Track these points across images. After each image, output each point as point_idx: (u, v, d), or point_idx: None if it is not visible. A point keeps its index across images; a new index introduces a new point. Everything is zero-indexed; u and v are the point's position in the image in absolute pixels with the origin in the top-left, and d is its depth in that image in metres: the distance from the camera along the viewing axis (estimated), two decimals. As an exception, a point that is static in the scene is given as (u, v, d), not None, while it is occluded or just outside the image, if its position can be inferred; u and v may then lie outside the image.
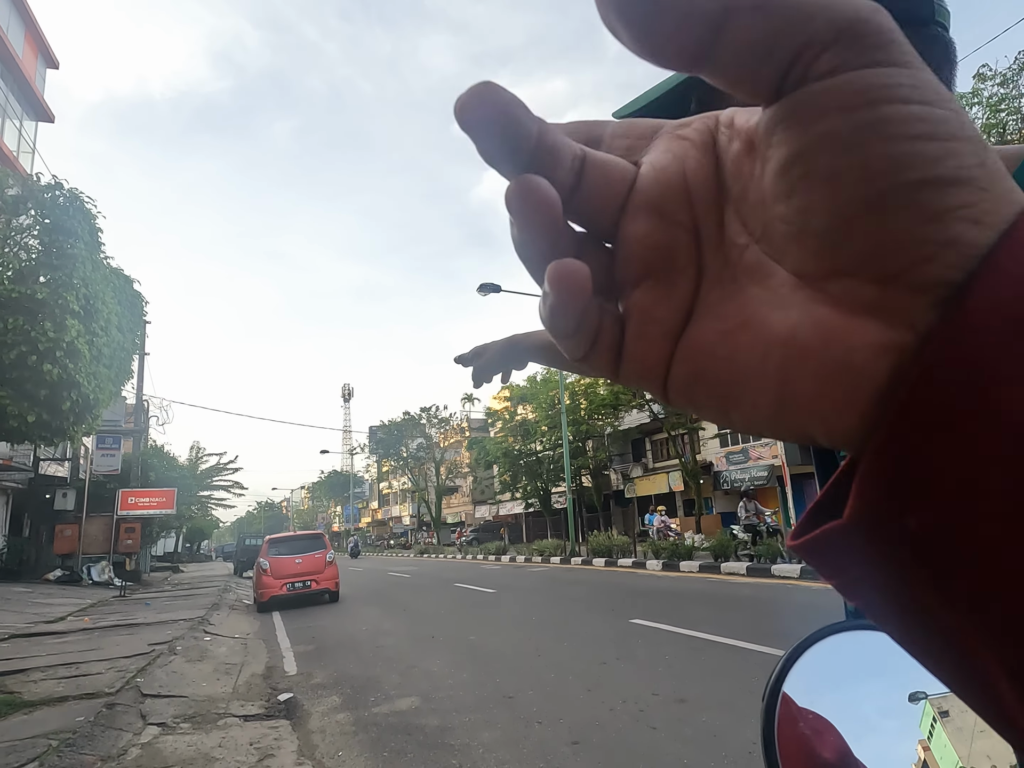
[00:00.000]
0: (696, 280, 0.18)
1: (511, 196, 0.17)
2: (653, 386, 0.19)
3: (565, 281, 0.17)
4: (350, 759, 3.82)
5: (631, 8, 0.15)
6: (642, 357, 0.19)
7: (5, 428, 8.46)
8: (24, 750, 3.86)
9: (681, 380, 0.18)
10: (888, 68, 0.15)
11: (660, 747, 3.64)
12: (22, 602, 12.72)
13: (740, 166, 0.18)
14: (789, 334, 0.16)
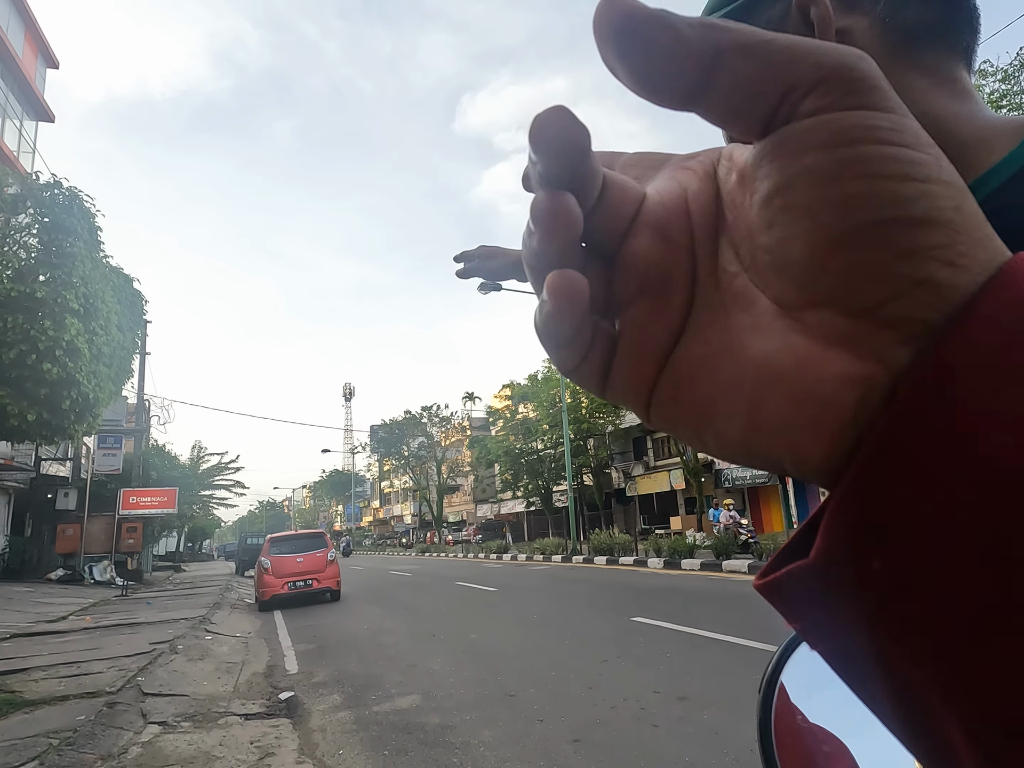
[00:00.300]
0: (688, 302, 0.19)
1: (541, 209, 0.17)
2: (637, 403, 0.20)
3: (564, 291, 0.17)
4: (351, 757, 3.81)
5: (630, 51, 0.16)
6: (630, 373, 0.19)
7: (5, 427, 8.46)
8: (25, 749, 3.86)
9: (664, 399, 0.19)
10: (870, 111, 0.15)
11: (661, 745, 3.63)
12: (24, 601, 12.73)
13: (734, 197, 0.18)
14: (764, 360, 0.16)
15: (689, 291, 0.19)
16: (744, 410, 0.17)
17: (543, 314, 0.18)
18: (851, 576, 0.14)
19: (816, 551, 0.14)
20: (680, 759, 3.41)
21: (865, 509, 0.14)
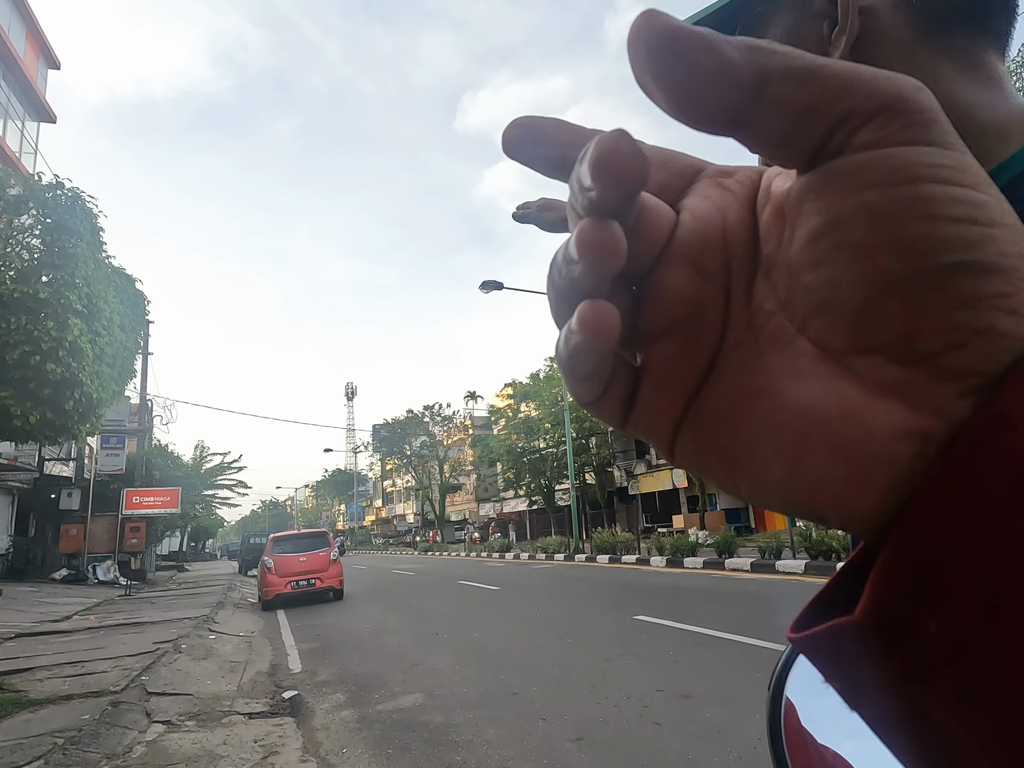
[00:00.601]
0: (719, 340, 0.18)
1: (590, 240, 0.16)
2: (660, 442, 0.19)
3: (596, 323, 0.16)
4: (354, 756, 3.82)
5: (668, 71, 0.15)
6: (654, 411, 0.18)
7: (9, 428, 8.47)
8: (30, 748, 3.87)
9: (690, 441, 0.18)
10: (930, 147, 0.14)
11: (664, 743, 3.63)
12: (28, 601, 12.77)
13: (771, 229, 0.17)
14: (807, 407, 0.15)
15: (721, 328, 0.18)
16: (784, 460, 0.15)
17: (570, 346, 0.17)
18: (903, 637, 0.13)
19: (864, 608, 0.13)
20: (683, 757, 3.41)
21: (920, 566, 0.13)
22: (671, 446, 0.18)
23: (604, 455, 31.09)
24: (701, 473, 0.18)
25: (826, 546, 11.36)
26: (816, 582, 9.65)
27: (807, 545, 11.82)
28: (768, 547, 12.88)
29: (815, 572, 10.64)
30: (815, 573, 10.59)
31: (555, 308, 0.18)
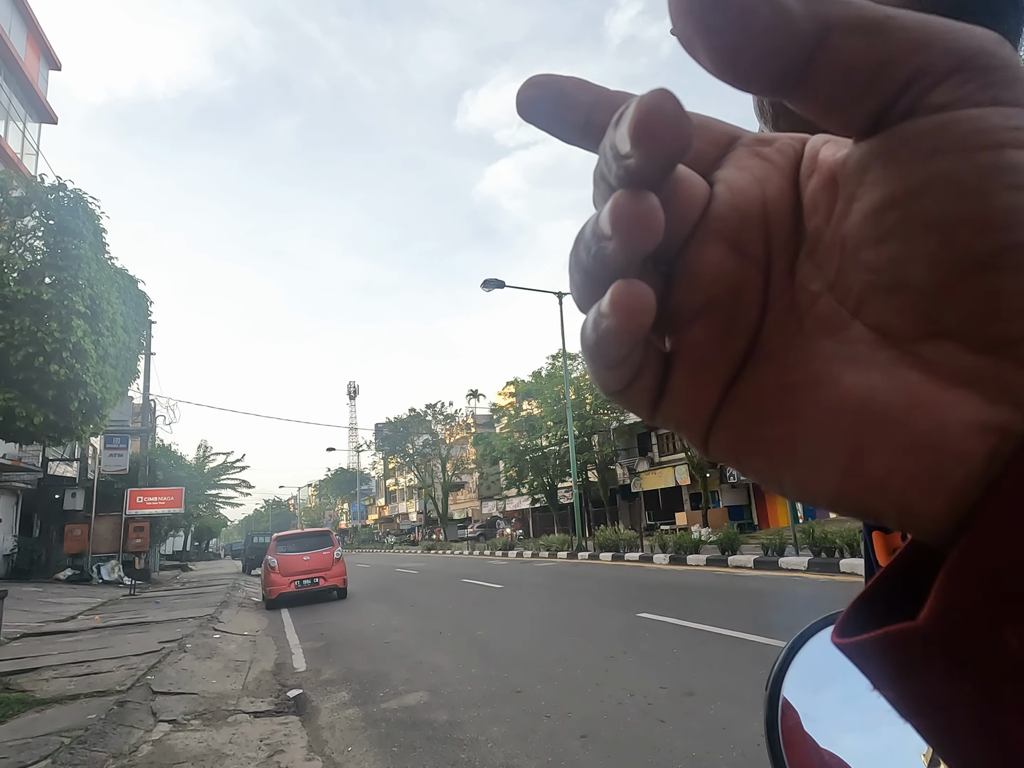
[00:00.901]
0: (758, 324, 0.16)
1: (627, 214, 0.14)
2: (693, 434, 0.18)
3: (629, 304, 0.14)
4: (359, 754, 3.84)
5: (718, 25, 0.13)
6: (686, 400, 0.17)
7: (13, 429, 8.51)
8: (37, 747, 3.89)
9: (728, 432, 0.17)
10: (1014, 108, 0.13)
11: (668, 740, 3.64)
12: (33, 601, 12.82)
13: (818, 202, 0.16)
14: (866, 398, 0.14)
15: (760, 311, 0.16)
16: (840, 455, 0.14)
17: (599, 330, 0.15)
18: (975, 647, 0.12)
19: (930, 614, 0.12)
20: (687, 754, 3.42)
21: (998, 571, 0.12)
22: (705, 438, 0.17)
23: (606, 452, 31.11)
24: (739, 467, 0.17)
25: (829, 543, 11.36)
26: (819, 579, 9.66)
27: (810, 542, 11.82)
28: (771, 544, 12.88)
29: (818, 569, 10.64)
30: (818, 570, 10.59)
31: (580, 289, 0.17)
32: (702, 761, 3.32)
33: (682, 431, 0.18)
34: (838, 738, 0.42)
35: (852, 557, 10.69)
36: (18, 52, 19.23)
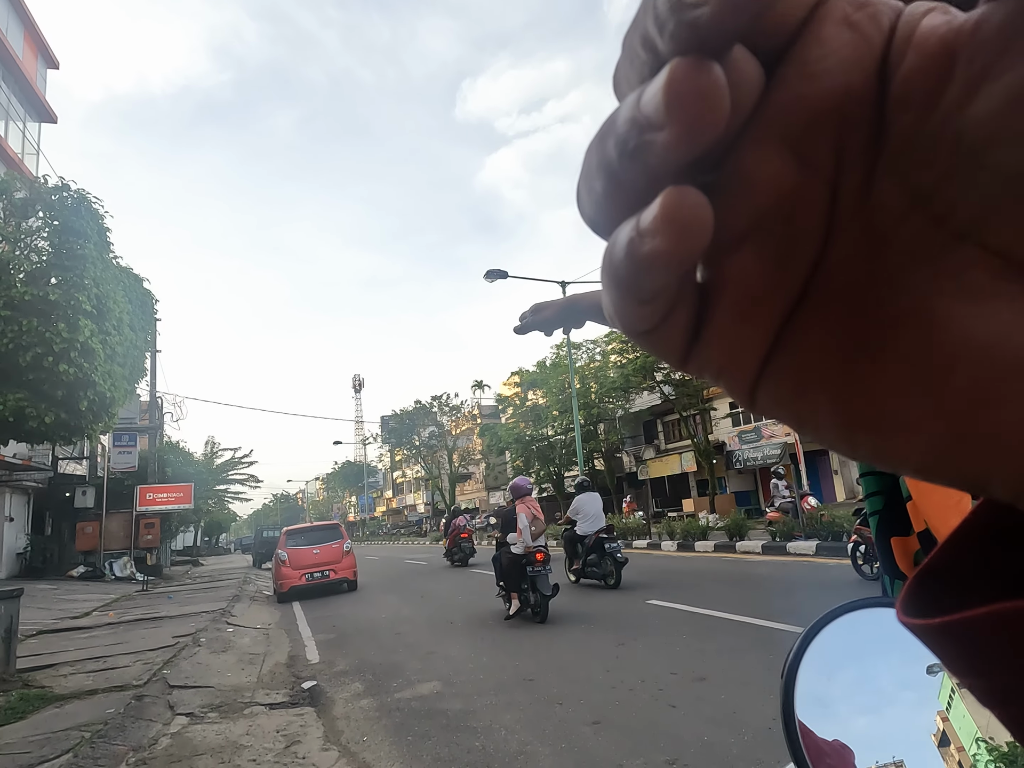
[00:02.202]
0: (820, 249, 0.13)
1: (691, 89, 0.11)
2: (736, 383, 0.15)
3: (686, 220, 0.12)
4: (375, 743, 3.89)
5: None
6: (730, 343, 0.14)
7: (25, 429, 8.58)
8: (58, 742, 3.96)
9: (783, 381, 0.14)
10: None
11: (680, 725, 3.68)
12: (48, 599, 12.96)
13: (914, 90, 0.12)
14: (994, 340, 0.11)
15: (823, 235, 0.13)
16: (950, 412, 0.12)
17: (639, 254, 0.12)
18: None
19: None
20: (699, 739, 3.46)
21: None
22: (751, 388, 0.14)
23: (613, 441, 31.13)
24: (795, 424, 0.14)
25: (837, 527, 11.37)
26: (828, 563, 9.68)
27: (818, 527, 11.83)
28: (779, 529, 12.90)
29: (826, 553, 10.65)
30: (826, 554, 10.60)
31: (603, 201, 0.13)
32: (714, 746, 3.36)
33: (721, 380, 0.15)
34: (852, 724, 0.44)
35: (860, 541, 10.70)
36: (16, 51, 19.19)
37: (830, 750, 0.42)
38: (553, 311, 0.94)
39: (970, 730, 0.41)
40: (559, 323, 0.94)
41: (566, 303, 0.93)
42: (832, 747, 0.42)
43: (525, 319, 0.97)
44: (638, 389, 27.14)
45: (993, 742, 0.40)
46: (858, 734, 0.43)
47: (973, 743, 0.41)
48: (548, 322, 0.94)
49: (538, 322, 0.95)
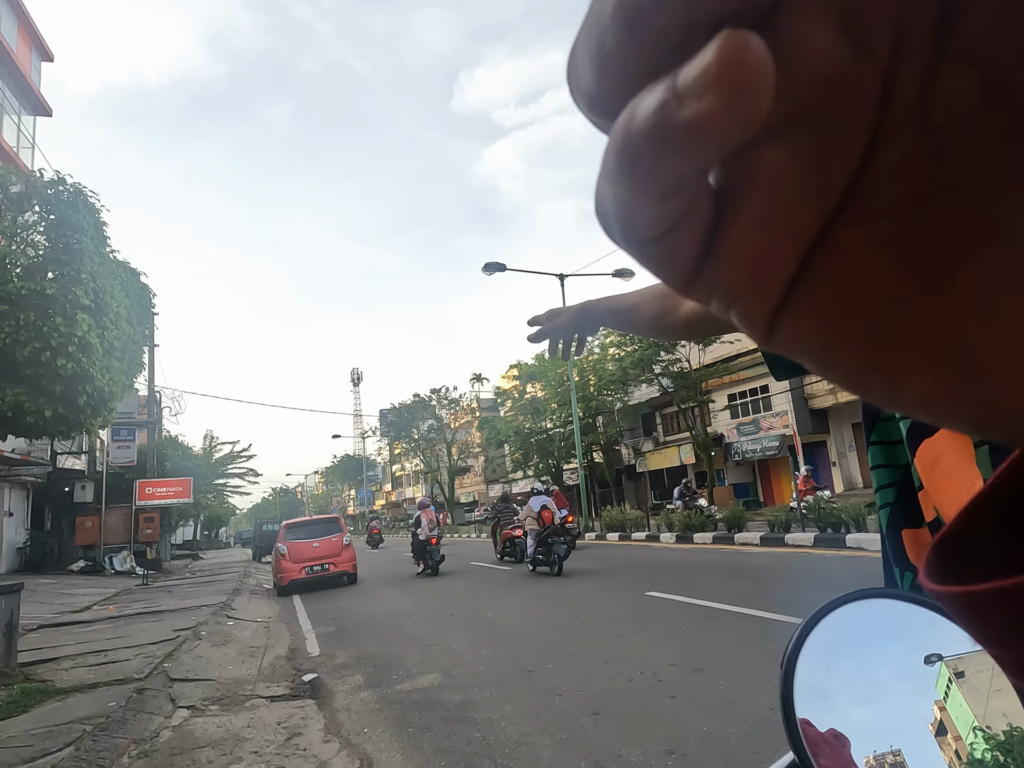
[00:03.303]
0: (866, 150, 0.11)
1: None
2: (753, 310, 0.12)
3: (750, 71, 0.09)
4: (376, 735, 3.91)
5: None
6: (750, 256, 0.12)
7: (23, 424, 8.57)
8: (60, 735, 3.98)
9: (813, 310, 0.12)
10: None
11: (679, 715, 3.70)
12: (48, 593, 12.99)
13: None
14: None
15: (872, 131, 0.11)
16: (1017, 358, 0.10)
17: (681, 119, 0.10)
18: None
19: None
20: (698, 729, 3.48)
21: None
22: (772, 316, 0.12)
23: (611, 433, 31.16)
24: (819, 363, 0.12)
25: (835, 518, 11.41)
26: (826, 554, 9.72)
27: (816, 518, 11.87)
28: (777, 521, 12.95)
29: (824, 544, 10.70)
30: (824, 546, 10.65)
31: (618, 60, 0.11)
32: (712, 736, 3.38)
33: (734, 307, 0.12)
34: (850, 714, 0.44)
35: (858, 532, 10.74)
36: (9, 44, 19.07)
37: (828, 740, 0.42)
38: (568, 316, 0.94)
39: (967, 719, 0.41)
40: (574, 329, 0.94)
41: (580, 308, 0.92)
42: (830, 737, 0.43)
43: (538, 322, 0.97)
44: (636, 382, 27.16)
45: (991, 731, 0.41)
46: (856, 724, 0.43)
47: (970, 732, 0.41)
48: (562, 328, 0.94)
49: (553, 328, 0.95)
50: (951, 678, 0.43)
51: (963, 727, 0.41)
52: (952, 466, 0.49)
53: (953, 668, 0.43)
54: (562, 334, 0.94)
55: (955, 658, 0.43)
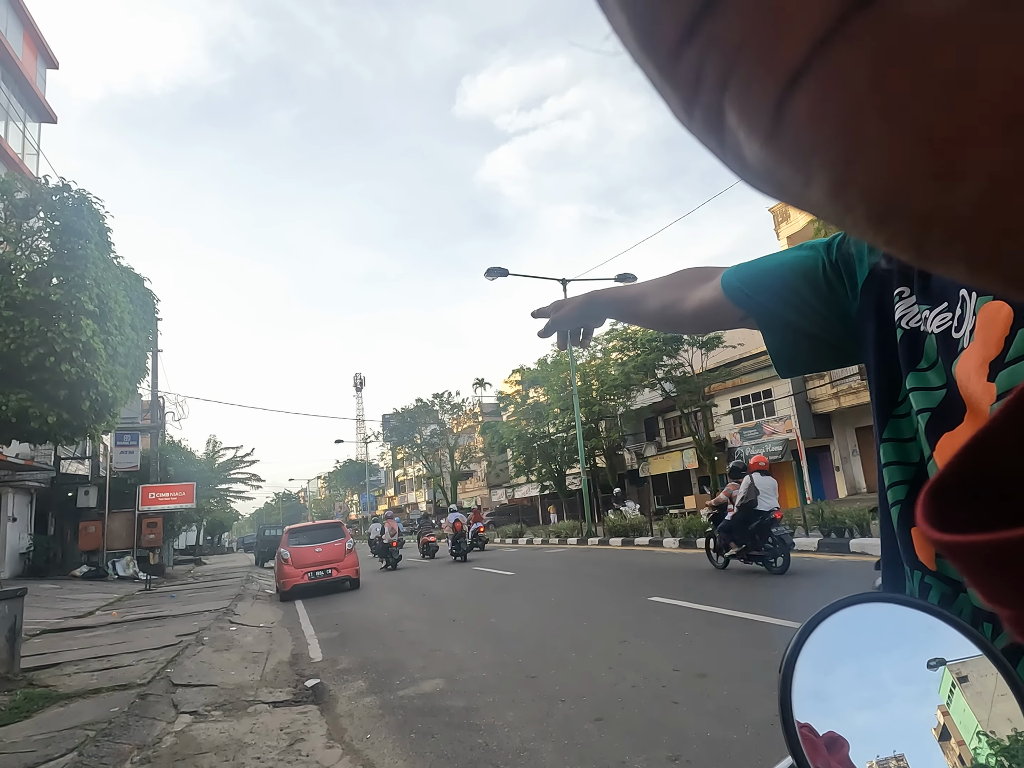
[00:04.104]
0: None
1: None
2: (763, 79, 0.10)
3: None
4: (378, 741, 3.90)
5: None
6: (762, 7, 0.09)
7: (28, 429, 8.60)
8: (63, 741, 3.97)
9: (842, 78, 0.09)
10: None
11: (683, 721, 3.69)
12: (51, 598, 12.99)
13: None
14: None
15: None
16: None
17: None
18: None
19: None
20: (701, 735, 3.46)
21: None
22: (786, 88, 0.10)
23: (614, 438, 31.13)
24: (834, 157, 0.10)
25: (839, 523, 11.37)
26: (830, 559, 9.68)
27: (820, 523, 11.82)
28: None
29: (828, 549, 10.66)
30: (828, 550, 10.61)
31: None
32: (716, 742, 3.36)
33: (733, 77, 0.10)
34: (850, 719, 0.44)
35: (862, 537, 10.70)
36: (15, 52, 19.19)
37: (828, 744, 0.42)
38: (574, 306, 0.94)
39: (971, 724, 0.41)
40: (580, 320, 0.94)
41: (586, 299, 0.93)
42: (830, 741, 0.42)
43: (544, 314, 0.97)
44: (639, 386, 27.14)
45: (994, 736, 0.40)
46: (857, 728, 0.43)
47: (974, 737, 0.41)
48: (569, 319, 0.94)
49: (560, 320, 0.95)
50: (954, 683, 0.43)
51: (967, 732, 0.41)
52: None
53: (956, 673, 0.43)
54: (568, 325, 0.94)
55: (958, 662, 0.42)
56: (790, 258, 0.69)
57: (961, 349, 0.50)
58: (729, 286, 0.73)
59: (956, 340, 0.51)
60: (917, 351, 0.56)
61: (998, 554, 0.10)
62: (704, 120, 0.10)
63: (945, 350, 0.52)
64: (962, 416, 0.50)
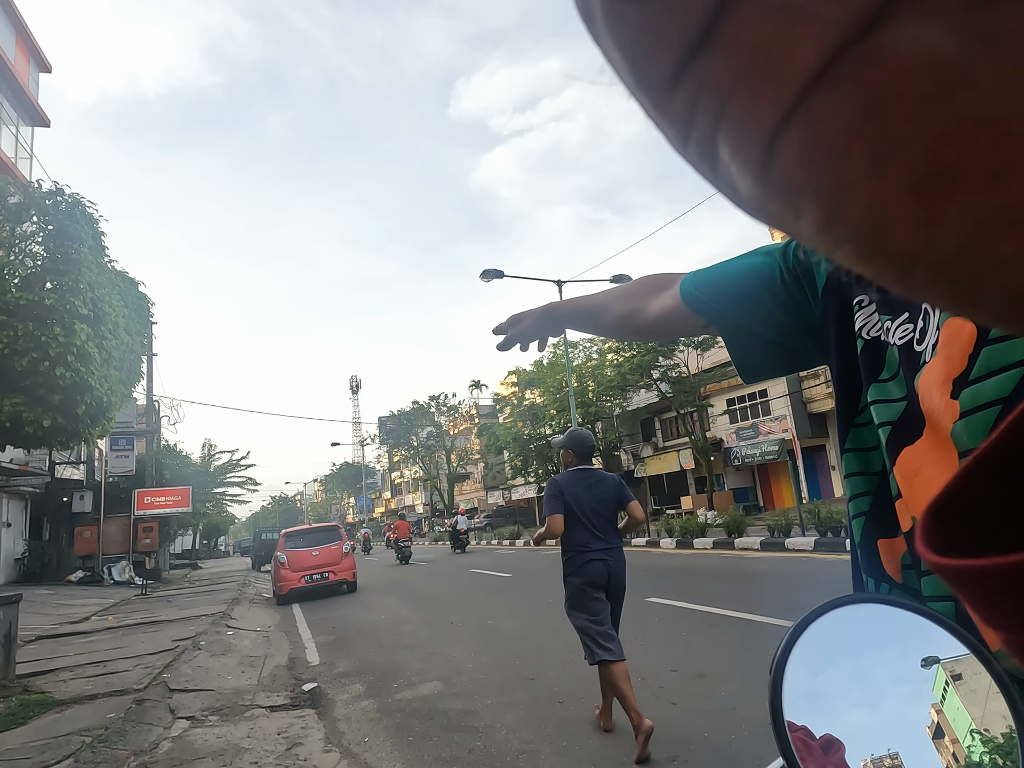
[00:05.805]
0: None
1: None
2: (756, 114, 0.10)
3: None
4: (376, 744, 3.89)
5: None
6: (769, 38, 0.09)
7: (22, 434, 8.56)
8: (59, 747, 3.95)
9: (839, 112, 0.09)
10: None
11: (681, 722, 3.69)
12: (46, 604, 12.92)
13: None
14: None
15: None
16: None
17: None
18: None
19: None
20: (699, 735, 3.47)
21: None
22: (779, 124, 0.10)
23: (610, 439, 31.14)
24: (821, 197, 0.10)
25: (835, 523, 11.40)
26: (826, 558, 9.70)
27: (816, 522, 11.86)
28: (777, 525, 12.92)
29: (825, 549, 10.68)
30: (825, 550, 10.63)
31: None
32: (713, 742, 3.37)
33: (727, 110, 0.10)
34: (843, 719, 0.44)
35: (858, 536, 10.72)
36: (7, 55, 19.12)
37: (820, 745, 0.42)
38: (531, 320, 0.91)
39: (965, 722, 0.41)
40: (538, 333, 0.92)
41: (544, 311, 0.91)
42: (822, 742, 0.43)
43: (502, 330, 0.95)
44: (635, 387, 27.16)
45: (989, 734, 0.41)
46: (851, 728, 0.43)
47: (968, 735, 0.41)
48: (527, 333, 0.92)
49: (518, 334, 0.92)
50: (948, 681, 0.43)
51: (961, 730, 0.41)
52: (935, 475, 0.48)
53: (950, 671, 0.43)
54: (526, 339, 0.92)
55: (952, 661, 0.43)
56: (747, 265, 0.68)
57: (924, 363, 0.49)
58: (688, 295, 0.71)
59: (918, 353, 0.50)
60: (878, 362, 0.54)
61: (998, 579, 0.10)
62: (698, 152, 0.10)
63: (907, 363, 0.51)
64: (922, 430, 0.49)
